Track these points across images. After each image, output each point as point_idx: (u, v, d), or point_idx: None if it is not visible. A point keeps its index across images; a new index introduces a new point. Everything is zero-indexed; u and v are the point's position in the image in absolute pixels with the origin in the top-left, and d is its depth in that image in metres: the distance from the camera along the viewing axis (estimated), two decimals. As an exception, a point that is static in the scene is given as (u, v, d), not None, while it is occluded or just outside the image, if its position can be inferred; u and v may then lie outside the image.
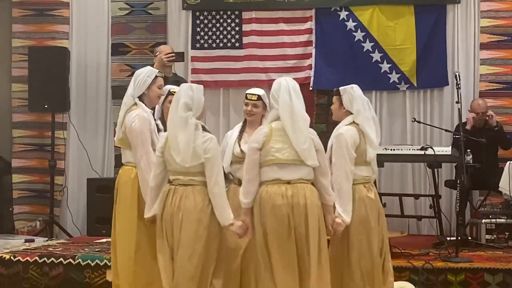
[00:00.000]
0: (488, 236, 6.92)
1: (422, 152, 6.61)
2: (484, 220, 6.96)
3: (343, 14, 8.21)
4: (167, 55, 6.76)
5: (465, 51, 8.07)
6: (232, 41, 8.43)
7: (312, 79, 8.22)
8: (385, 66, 8.13)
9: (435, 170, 7.07)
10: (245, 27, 8.40)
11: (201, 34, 8.47)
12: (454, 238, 6.40)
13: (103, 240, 7.18)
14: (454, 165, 7.52)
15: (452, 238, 6.63)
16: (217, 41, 8.45)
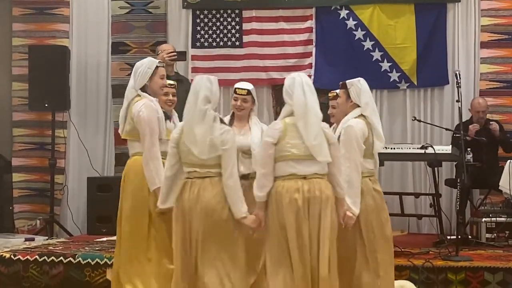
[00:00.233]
0: (488, 235, 6.91)
1: (423, 151, 6.61)
2: (484, 219, 6.95)
3: (344, 13, 8.20)
4: (169, 54, 6.78)
5: (466, 50, 8.06)
6: (232, 40, 8.43)
7: (313, 78, 8.18)
8: (386, 65, 8.13)
9: (436, 169, 7.05)
10: (245, 26, 8.40)
11: (201, 33, 8.47)
12: (454, 237, 6.39)
13: (104, 239, 7.18)
14: (455, 164, 7.51)
15: (452, 237, 6.62)
16: (217, 40, 8.45)
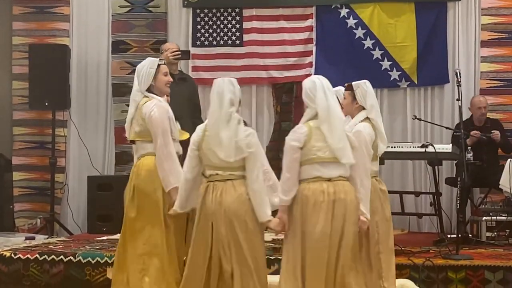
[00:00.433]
0: (489, 234, 6.91)
1: (423, 150, 6.61)
2: (485, 218, 6.95)
3: (344, 12, 8.20)
4: (173, 53, 6.80)
5: (466, 49, 8.06)
6: (233, 39, 8.43)
7: (313, 77, 8.20)
8: (386, 64, 8.12)
9: (436, 168, 7.05)
10: (246, 25, 8.40)
11: (202, 32, 8.46)
12: (455, 236, 6.38)
13: (104, 238, 7.18)
14: (455, 163, 7.51)
15: (453, 236, 6.61)
16: (218, 39, 8.44)
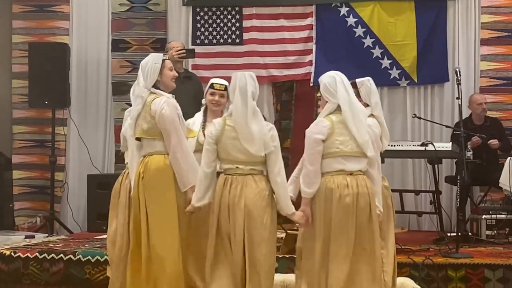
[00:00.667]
0: (489, 232, 6.92)
1: (423, 148, 6.61)
2: (485, 216, 6.96)
3: (344, 10, 8.20)
4: (178, 51, 6.82)
5: (466, 47, 8.06)
6: (233, 37, 8.43)
7: (313, 75, 8.19)
8: (386, 62, 8.12)
9: (436, 166, 7.06)
10: (246, 23, 8.40)
11: (202, 30, 8.46)
12: (455, 234, 6.39)
13: (104, 236, 7.15)
14: (455, 161, 7.51)
15: (453, 234, 6.62)
16: (218, 37, 8.44)
